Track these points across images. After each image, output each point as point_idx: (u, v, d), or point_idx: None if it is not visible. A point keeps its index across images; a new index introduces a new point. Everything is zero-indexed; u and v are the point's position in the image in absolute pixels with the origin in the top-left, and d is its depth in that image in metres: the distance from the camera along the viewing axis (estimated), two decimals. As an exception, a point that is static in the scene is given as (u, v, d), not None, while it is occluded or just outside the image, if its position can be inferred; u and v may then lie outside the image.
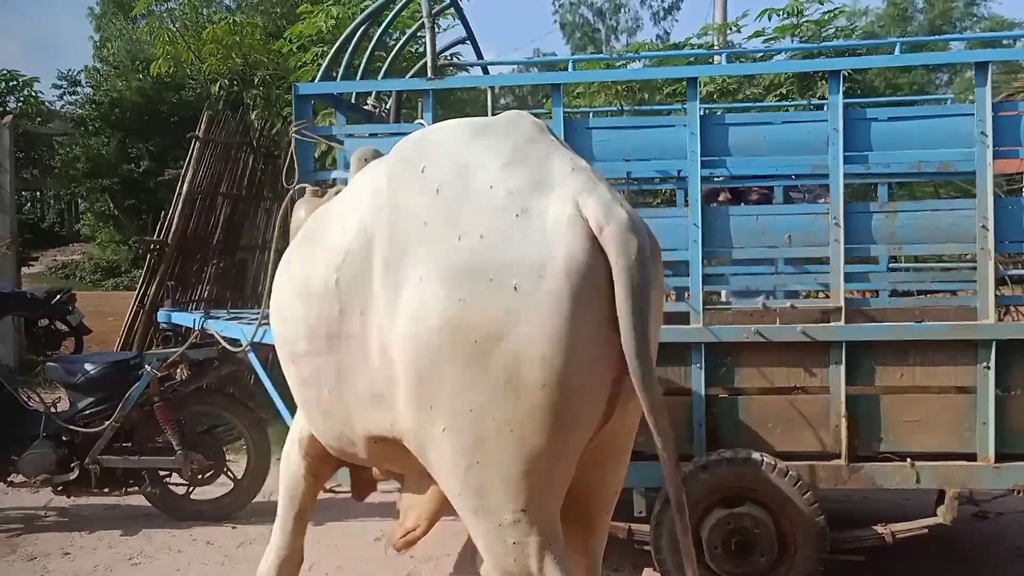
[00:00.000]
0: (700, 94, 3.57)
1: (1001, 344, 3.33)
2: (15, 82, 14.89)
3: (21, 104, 15.05)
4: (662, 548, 3.38)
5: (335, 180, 3.82)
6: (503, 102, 20.49)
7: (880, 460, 3.42)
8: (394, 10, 5.09)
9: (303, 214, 3.61)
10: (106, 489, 4.75)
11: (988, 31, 20.84)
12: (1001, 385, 3.36)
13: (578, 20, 30.55)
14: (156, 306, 6.57)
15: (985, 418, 3.34)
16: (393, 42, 6.89)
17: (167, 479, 4.88)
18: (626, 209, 1.93)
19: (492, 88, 5.76)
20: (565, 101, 3.85)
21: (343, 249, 2.22)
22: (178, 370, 4.72)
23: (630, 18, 30.59)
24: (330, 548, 4.37)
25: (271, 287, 2.75)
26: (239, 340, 4.16)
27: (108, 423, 4.63)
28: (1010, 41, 12.72)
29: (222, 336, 4.32)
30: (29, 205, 24.86)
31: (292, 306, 2.45)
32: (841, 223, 3.39)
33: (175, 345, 4.83)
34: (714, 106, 8.35)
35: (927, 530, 3.51)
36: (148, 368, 4.67)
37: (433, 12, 4.73)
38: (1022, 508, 4.57)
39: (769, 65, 8.87)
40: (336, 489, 5.09)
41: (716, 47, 11.12)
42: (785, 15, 9.89)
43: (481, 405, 1.95)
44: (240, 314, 4.87)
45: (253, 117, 9.37)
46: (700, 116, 3.49)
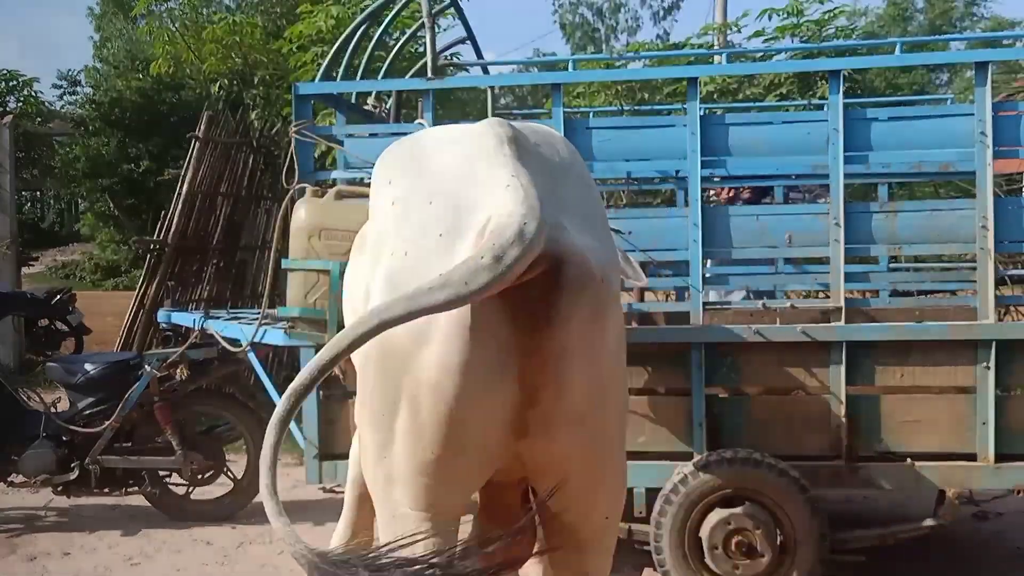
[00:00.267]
0: (700, 94, 3.57)
1: (1001, 344, 3.33)
2: (15, 82, 14.90)
3: (21, 104, 15.05)
4: (662, 548, 3.38)
5: (335, 180, 3.82)
6: (503, 102, 20.49)
7: (880, 460, 3.42)
8: (394, 10, 5.09)
9: (303, 214, 3.62)
10: (106, 489, 4.75)
11: (988, 31, 20.85)
12: (1001, 385, 3.36)
13: (578, 20, 30.54)
14: (156, 306, 6.58)
15: (985, 418, 3.34)
16: (393, 42, 6.89)
17: (167, 479, 4.88)
18: (550, 232, 1.81)
19: (492, 88, 5.76)
20: (565, 101, 3.85)
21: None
22: (178, 370, 4.72)
23: (630, 18, 30.58)
24: (330, 548, 4.37)
25: (271, 287, 2.79)
26: (239, 340, 4.15)
27: (108, 423, 4.63)
28: (1010, 41, 12.71)
29: (222, 336, 4.32)
30: (29, 205, 24.81)
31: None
32: (841, 223, 3.39)
33: (175, 345, 4.82)
34: (714, 106, 8.35)
35: (927, 530, 3.51)
36: (148, 368, 4.67)
37: (433, 12, 4.73)
38: (1022, 508, 4.57)
39: (769, 65, 8.87)
40: (336, 489, 5.11)
41: (716, 47, 11.12)
42: (785, 15, 9.89)
43: (389, 413, 2.04)
44: (240, 314, 4.86)
45: (253, 117, 9.37)
46: (700, 116, 3.49)
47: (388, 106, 5.11)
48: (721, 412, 3.52)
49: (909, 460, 3.39)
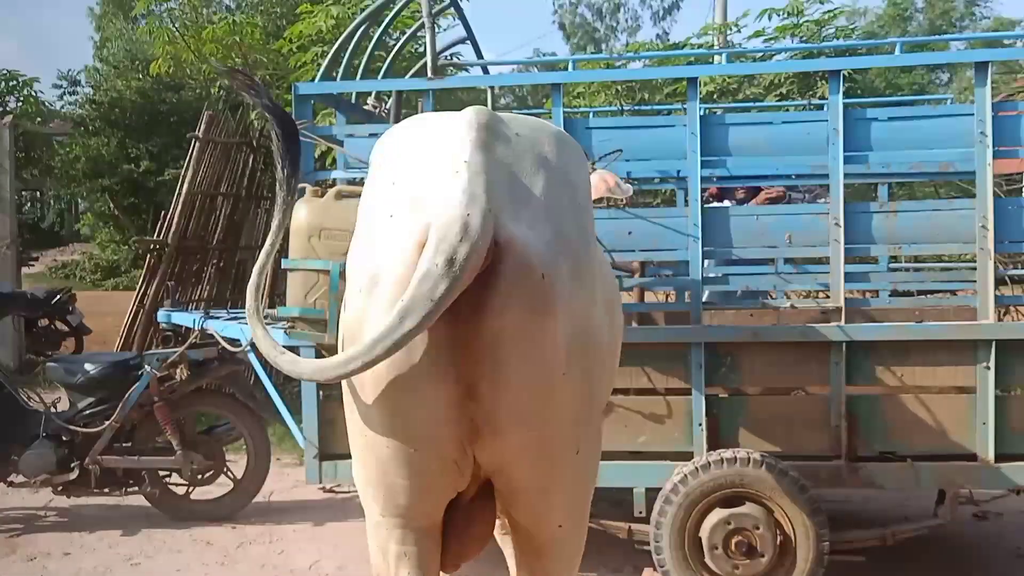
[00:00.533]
0: (700, 94, 3.57)
1: (1001, 344, 3.33)
2: (15, 82, 14.88)
3: (21, 104, 15.05)
4: (662, 548, 3.38)
5: (335, 180, 3.82)
6: (503, 102, 20.50)
7: (880, 460, 3.42)
8: (394, 10, 5.09)
9: (303, 214, 3.62)
10: (106, 489, 4.75)
11: (988, 31, 20.83)
12: (1001, 385, 3.37)
13: (578, 20, 30.57)
14: (156, 306, 6.58)
15: (985, 418, 3.34)
16: (393, 42, 6.89)
17: (167, 479, 4.88)
18: (493, 220, 1.79)
19: (492, 88, 5.77)
20: (565, 101, 3.85)
21: None
22: (178, 370, 4.72)
23: (630, 18, 30.62)
24: (330, 548, 4.37)
25: (271, 287, 2.78)
26: (239, 340, 4.16)
27: (108, 423, 4.63)
28: (1010, 41, 12.72)
29: (222, 336, 4.32)
30: (29, 205, 24.85)
31: None
32: (841, 223, 3.39)
33: (175, 345, 4.83)
34: (714, 106, 8.35)
35: (927, 530, 3.51)
36: (148, 368, 4.67)
37: (433, 12, 4.73)
38: (1022, 508, 4.57)
39: (769, 65, 8.88)
40: (336, 489, 5.11)
41: (716, 47, 11.11)
42: (785, 15, 9.90)
43: (350, 413, 2.06)
44: (240, 314, 4.86)
45: (253, 117, 9.36)
46: (700, 116, 3.49)
47: (388, 106, 5.11)
48: (721, 412, 3.52)
49: (909, 460, 3.39)
